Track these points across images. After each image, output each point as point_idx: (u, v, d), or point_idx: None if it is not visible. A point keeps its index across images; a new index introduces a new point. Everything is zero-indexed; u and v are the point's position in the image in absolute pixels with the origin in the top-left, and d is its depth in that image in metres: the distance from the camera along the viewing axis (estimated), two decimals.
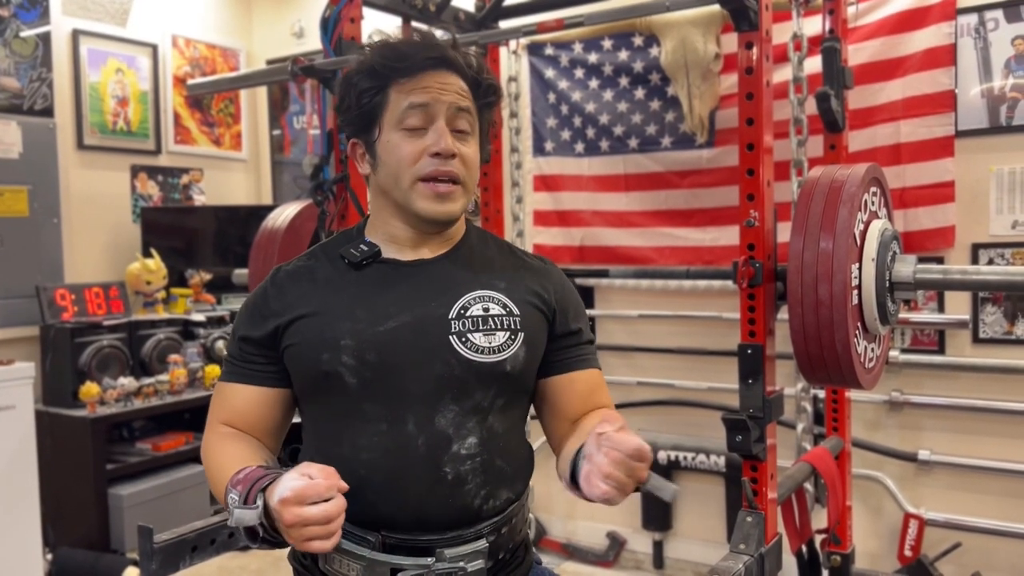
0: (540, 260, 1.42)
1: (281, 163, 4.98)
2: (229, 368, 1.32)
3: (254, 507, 1.06)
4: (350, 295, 1.27)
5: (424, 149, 1.24)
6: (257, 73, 4.05)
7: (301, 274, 1.32)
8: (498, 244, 1.41)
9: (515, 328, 1.26)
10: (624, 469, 1.05)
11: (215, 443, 1.28)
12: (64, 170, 3.99)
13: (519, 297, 1.30)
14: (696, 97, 3.27)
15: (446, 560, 1.20)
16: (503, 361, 1.24)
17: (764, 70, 1.92)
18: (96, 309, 3.86)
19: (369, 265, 1.30)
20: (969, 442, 2.94)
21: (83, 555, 3.46)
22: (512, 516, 1.28)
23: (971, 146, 2.88)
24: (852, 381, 1.92)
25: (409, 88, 1.25)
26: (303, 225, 2.68)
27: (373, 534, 1.20)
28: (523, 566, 1.34)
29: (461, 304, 1.26)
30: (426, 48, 1.27)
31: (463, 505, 1.22)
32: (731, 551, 1.91)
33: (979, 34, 2.84)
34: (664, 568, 3.59)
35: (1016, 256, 2.82)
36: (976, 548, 2.92)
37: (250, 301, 1.34)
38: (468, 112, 1.28)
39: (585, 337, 1.38)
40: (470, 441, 1.22)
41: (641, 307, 3.58)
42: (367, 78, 1.27)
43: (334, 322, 1.24)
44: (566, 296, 1.38)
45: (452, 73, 1.27)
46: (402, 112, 1.25)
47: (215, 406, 1.33)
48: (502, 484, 1.25)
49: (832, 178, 1.90)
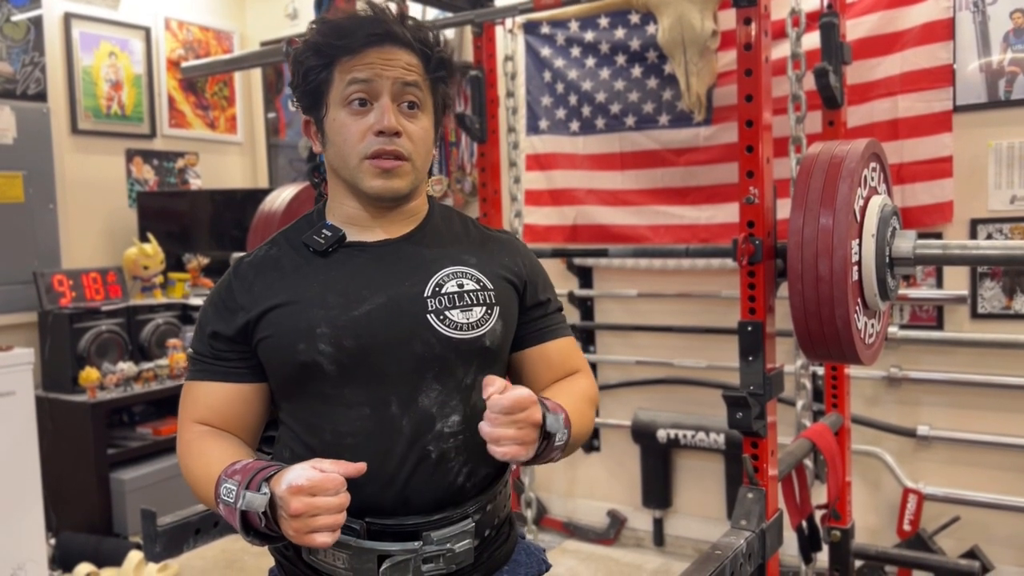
0: (505, 233, 1.42)
1: (277, 146, 4.96)
2: (199, 366, 1.28)
3: (264, 493, 1.05)
4: (320, 282, 1.24)
5: (369, 127, 1.22)
6: (251, 55, 4.01)
7: (266, 264, 1.29)
8: (463, 219, 1.40)
9: (490, 302, 1.26)
10: (504, 424, 1.09)
11: (194, 442, 1.25)
12: (59, 155, 3.97)
13: (491, 271, 1.29)
14: (694, 74, 3.25)
15: (433, 543, 1.19)
16: (482, 336, 1.24)
17: (763, 46, 1.91)
18: (94, 294, 3.86)
19: (335, 250, 1.27)
20: (967, 417, 2.95)
21: (86, 539, 3.48)
22: (496, 493, 1.28)
23: (970, 121, 2.87)
24: (852, 357, 1.92)
25: (352, 65, 1.22)
26: (300, 207, 2.68)
27: (358, 522, 1.18)
28: (508, 542, 1.34)
29: (435, 281, 1.25)
30: (369, 23, 1.24)
31: (447, 483, 1.21)
32: (732, 527, 1.92)
33: (977, 8, 2.83)
34: (664, 545, 3.61)
35: (1015, 231, 2.82)
36: (974, 522, 2.94)
37: (215, 296, 1.29)
38: (416, 86, 1.25)
39: (553, 306, 1.39)
40: (453, 419, 1.22)
41: (640, 286, 3.58)
42: (312, 56, 1.25)
43: (307, 311, 1.21)
44: (534, 268, 1.38)
45: (398, 48, 1.24)
46: (345, 89, 1.23)
47: (187, 405, 1.30)
48: (483, 461, 1.23)
49: (832, 154, 1.89)
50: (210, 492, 1.14)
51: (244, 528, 1.09)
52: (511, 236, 1.42)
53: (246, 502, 1.06)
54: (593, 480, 3.79)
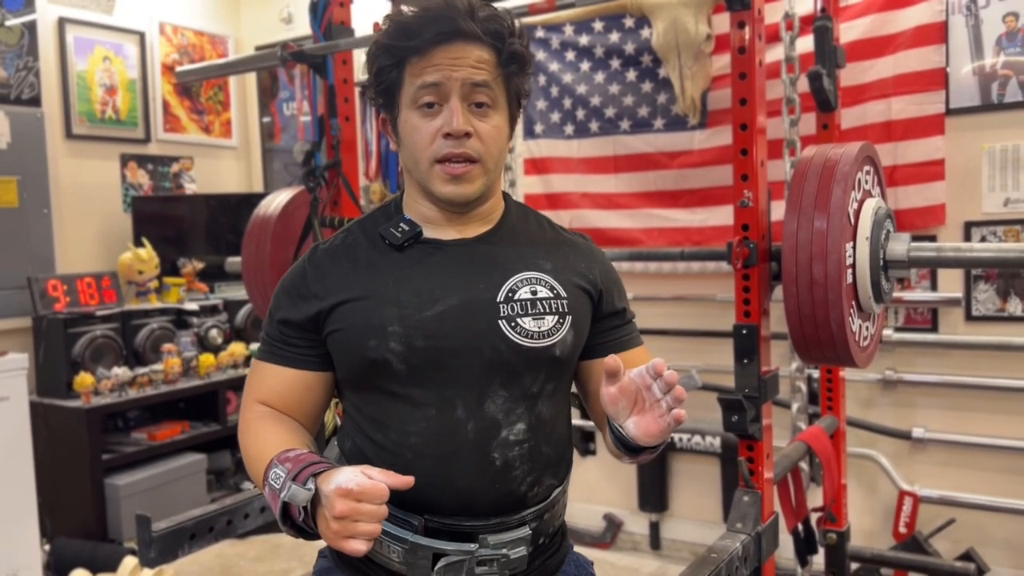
0: (581, 237, 1.39)
1: (272, 150, 4.95)
2: (268, 348, 1.28)
3: (308, 489, 1.05)
4: (394, 278, 1.23)
5: (438, 130, 1.20)
6: (246, 59, 4.00)
7: (340, 254, 1.28)
8: (538, 220, 1.38)
9: (563, 311, 1.24)
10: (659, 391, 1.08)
11: (254, 422, 1.26)
12: (53, 160, 3.96)
13: (565, 279, 1.27)
14: (688, 78, 3.25)
15: (489, 547, 1.19)
16: (552, 346, 1.22)
17: (757, 50, 1.91)
18: (88, 299, 3.85)
19: (411, 246, 1.26)
20: (962, 419, 2.96)
21: (80, 545, 3.46)
22: (555, 503, 1.28)
23: (963, 124, 2.88)
24: (847, 360, 1.92)
25: (421, 67, 1.19)
26: (295, 212, 2.67)
27: (416, 517, 1.18)
28: (560, 552, 1.34)
29: (509, 287, 1.23)
30: (438, 21, 1.19)
31: (509, 491, 1.20)
32: (728, 530, 1.92)
33: (970, 11, 2.84)
34: (661, 549, 3.61)
35: (1008, 233, 2.83)
36: (970, 524, 2.94)
37: (287, 282, 1.29)
38: (486, 85, 1.21)
39: (629, 315, 1.37)
40: (519, 427, 1.21)
41: (635, 290, 3.58)
42: (384, 55, 1.23)
43: (380, 307, 1.20)
44: (609, 275, 1.36)
45: (468, 44, 1.20)
46: (415, 92, 1.20)
47: (252, 384, 1.30)
48: (547, 470, 1.24)
49: (825, 157, 1.90)
50: (260, 473, 1.15)
51: (283, 518, 1.09)
52: (587, 240, 1.40)
53: (290, 494, 1.05)
54: (590, 484, 3.79)
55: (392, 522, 1.18)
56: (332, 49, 2.37)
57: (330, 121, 2.44)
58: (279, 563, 3.46)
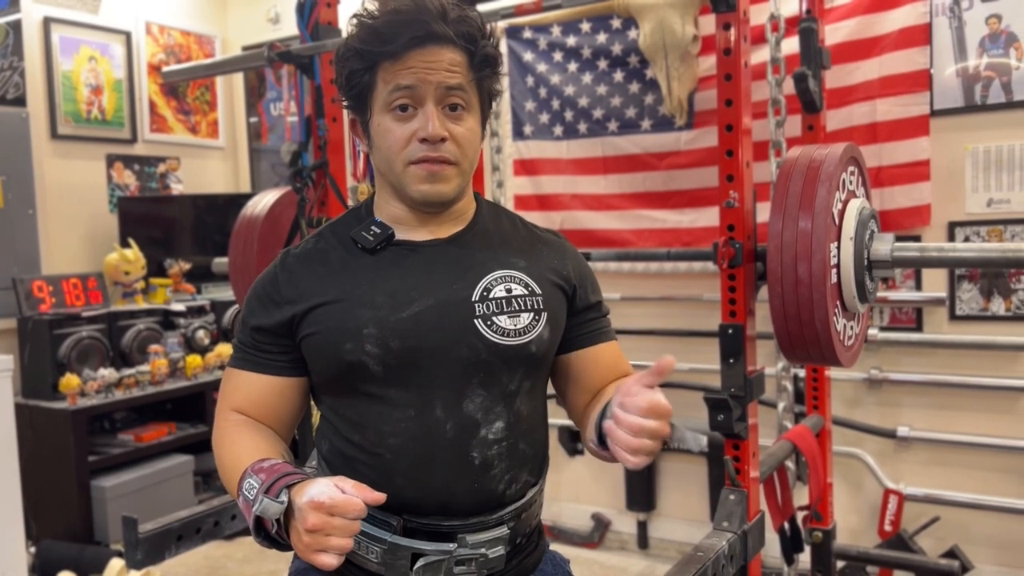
0: (554, 235, 1.40)
1: (259, 150, 4.94)
2: (241, 355, 1.28)
3: (281, 501, 1.04)
4: (368, 280, 1.22)
5: (413, 133, 1.19)
6: (233, 59, 3.99)
7: (312, 257, 1.27)
8: (511, 218, 1.38)
9: (538, 308, 1.24)
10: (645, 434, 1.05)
11: (228, 431, 1.25)
12: (38, 160, 3.94)
13: (539, 275, 1.28)
14: (675, 79, 3.27)
15: (467, 546, 1.19)
16: (529, 343, 1.22)
17: (743, 51, 1.92)
18: (74, 300, 3.83)
19: (384, 248, 1.26)
20: (946, 418, 2.98)
21: (66, 547, 3.44)
22: (532, 502, 1.28)
23: (947, 125, 2.90)
24: (832, 359, 1.93)
25: (394, 71, 1.19)
26: (283, 212, 2.67)
27: (395, 518, 1.18)
28: (537, 551, 1.35)
29: (483, 285, 1.23)
30: (410, 25, 1.18)
31: (488, 490, 1.21)
32: (715, 529, 1.93)
33: (954, 13, 2.86)
34: (648, 548, 3.62)
35: (992, 233, 2.86)
36: (954, 522, 2.96)
37: (259, 287, 1.28)
38: (460, 88, 1.21)
39: (604, 310, 1.38)
40: (497, 425, 1.21)
41: (623, 290, 3.60)
42: (355, 58, 1.22)
43: (354, 310, 1.20)
44: (582, 270, 1.37)
45: (441, 47, 1.19)
46: (388, 95, 1.20)
47: (226, 392, 1.29)
48: (524, 467, 1.25)
49: (810, 158, 1.91)
50: (235, 483, 1.14)
51: (256, 529, 1.08)
52: (560, 237, 1.40)
53: (262, 508, 1.05)
54: (577, 483, 3.80)
55: (370, 523, 1.18)
56: (319, 49, 2.37)
57: (317, 121, 2.44)
58: (266, 564, 3.45)
